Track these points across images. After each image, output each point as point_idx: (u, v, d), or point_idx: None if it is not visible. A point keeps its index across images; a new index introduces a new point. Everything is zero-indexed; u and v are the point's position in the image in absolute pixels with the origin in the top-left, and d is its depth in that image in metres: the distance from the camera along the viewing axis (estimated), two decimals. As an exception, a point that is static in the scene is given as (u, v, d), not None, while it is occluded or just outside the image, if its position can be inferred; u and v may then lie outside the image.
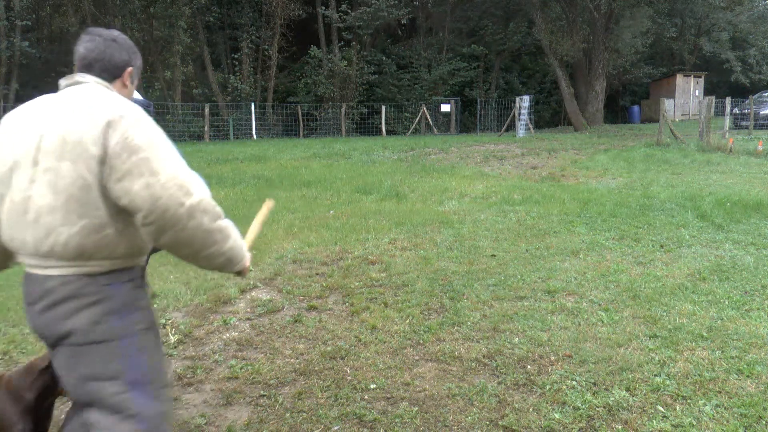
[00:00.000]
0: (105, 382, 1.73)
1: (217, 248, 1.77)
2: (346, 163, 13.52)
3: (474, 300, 4.39)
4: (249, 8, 25.14)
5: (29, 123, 1.79)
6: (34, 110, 1.82)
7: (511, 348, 3.55)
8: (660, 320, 3.90)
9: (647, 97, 30.97)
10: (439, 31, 28.84)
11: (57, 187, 1.68)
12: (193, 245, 1.72)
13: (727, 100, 16.80)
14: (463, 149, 16.01)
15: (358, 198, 8.91)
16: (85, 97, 1.78)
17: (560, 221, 6.98)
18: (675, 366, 3.26)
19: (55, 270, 1.74)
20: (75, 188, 1.67)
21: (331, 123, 24.66)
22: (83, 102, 1.76)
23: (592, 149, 15.37)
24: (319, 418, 2.84)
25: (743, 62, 31.41)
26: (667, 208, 7.50)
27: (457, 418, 2.82)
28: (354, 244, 6.08)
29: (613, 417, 2.79)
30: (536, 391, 3.05)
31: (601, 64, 23.44)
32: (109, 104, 1.73)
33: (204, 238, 1.72)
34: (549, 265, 5.22)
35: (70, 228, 1.68)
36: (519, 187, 9.65)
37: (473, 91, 28.20)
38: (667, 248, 5.73)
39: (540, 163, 13.06)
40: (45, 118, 1.77)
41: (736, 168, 11.55)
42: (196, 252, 1.75)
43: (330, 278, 5.01)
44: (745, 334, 3.65)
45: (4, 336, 3.85)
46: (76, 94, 1.81)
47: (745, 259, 5.27)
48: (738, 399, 2.90)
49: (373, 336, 3.78)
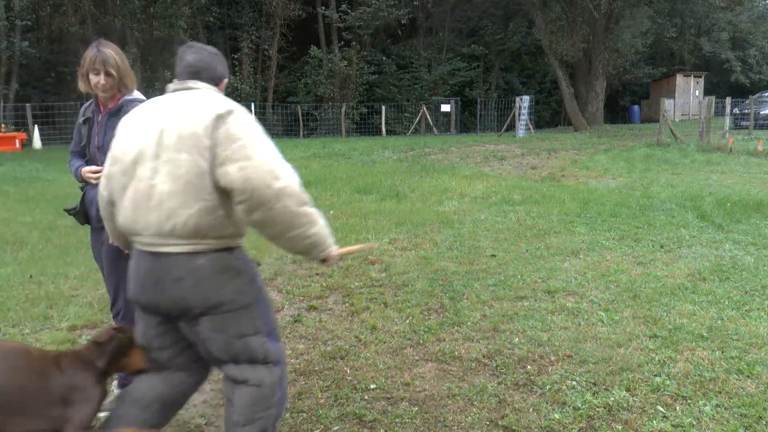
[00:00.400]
0: (252, 337, 2.14)
1: (302, 231, 2.04)
2: (346, 163, 13.51)
3: (474, 300, 4.38)
4: (249, 8, 25.14)
5: (150, 122, 2.10)
6: (153, 111, 2.14)
7: (511, 348, 3.55)
8: (660, 320, 3.90)
9: (647, 97, 30.96)
10: (439, 31, 28.84)
11: (176, 175, 1.99)
12: (280, 225, 1.99)
13: (727, 100, 16.79)
14: (463, 149, 16.01)
15: (358, 198, 8.91)
16: (200, 97, 2.11)
17: (560, 221, 6.98)
18: (675, 366, 3.26)
19: (174, 248, 2.03)
20: (191, 175, 1.98)
21: (331, 123, 24.66)
22: (198, 101, 2.09)
23: (592, 149, 15.37)
24: (319, 418, 2.84)
25: (743, 62, 31.40)
26: (667, 208, 7.50)
27: (457, 418, 2.82)
28: (354, 244, 6.07)
29: (613, 417, 2.79)
30: (536, 391, 3.05)
31: (601, 64, 23.43)
32: (220, 102, 2.07)
33: (290, 220, 2.00)
34: (549, 265, 5.22)
35: (188, 210, 1.98)
36: (519, 187, 9.65)
37: (473, 91, 28.20)
38: (668, 248, 5.73)
39: (540, 163, 13.06)
40: (164, 117, 2.08)
41: (736, 168, 11.55)
42: (283, 232, 2.02)
43: (330, 278, 5.01)
44: (745, 334, 3.64)
45: (4, 336, 3.85)
46: (192, 96, 2.13)
47: (745, 259, 5.27)
48: (738, 399, 2.90)
49: (373, 336, 3.78)
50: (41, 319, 4.12)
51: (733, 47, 31.66)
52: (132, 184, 2.07)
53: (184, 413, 2.90)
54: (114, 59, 2.78)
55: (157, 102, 2.18)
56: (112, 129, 2.82)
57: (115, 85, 2.82)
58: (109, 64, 2.76)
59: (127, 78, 2.84)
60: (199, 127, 1.99)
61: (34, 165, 13.44)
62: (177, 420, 2.84)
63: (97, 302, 4.41)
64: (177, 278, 2.04)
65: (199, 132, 1.99)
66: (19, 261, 5.64)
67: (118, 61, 2.80)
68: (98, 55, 2.76)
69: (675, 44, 30.88)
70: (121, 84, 2.83)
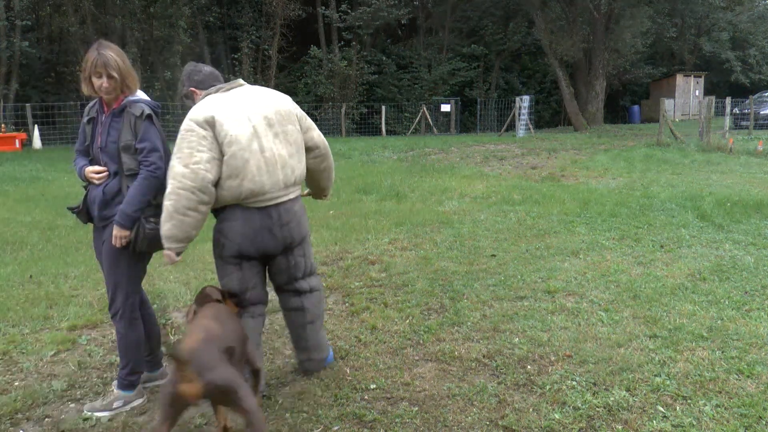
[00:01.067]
0: (310, 257, 3.20)
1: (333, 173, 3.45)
2: (346, 163, 13.51)
3: (474, 300, 4.38)
4: (249, 8, 25.13)
5: (247, 109, 2.86)
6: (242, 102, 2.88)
7: (511, 348, 3.55)
8: (660, 320, 3.90)
9: (647, 97, 30.96)
10: (439, 31, 28.84)
11: (290, 141, 2.96)
12: (330, 169, 3.36)
13: (727, 100, 16.79)
14: (463, 149, 16.01)
15: (358, 198, 8.91)
16: (264, 89, 3.06)
17: (560, 221, 6.98)
18: (675, 366, 3.26)
19: (293, 194, 3.00)
20: (298, 140, 3.02)
21: (331, 123, 24.65)
22: (269, 91, 3.05)
23: (592, 149, 15.37)
24: (319, 418, 2.84)
25: (743, 62, 31.40)
26: (668, 208, 7.50)
27: (457, 418, 2.82)
28: (354, 244, 6.08)
29: (613, 417, 2.79)
30: (536, 391, 3.05)
31: (601, 64, 23.43)
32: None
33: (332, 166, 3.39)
34: (549, 265, 5.22)
35: (301, 164, 3.04)
36: (519, 187, 9.65)
37: (473, 91, 28.20)
38: (668, 248, 5.73)
39: (540, 163, 13.06)
40: (258, 104, 2.91)
41: (736, 168, 11.55)
42: (330, 172, 3.38)
43: (330, 278, 5.01)
44: (745, 334, 3.64)
45: (4, 336, 3.85)
46: (258, 89, 3.04)
47: (745, 259, 5.27)
48: (738, 399, 2.90)
49: (373, 336, 3.78)
50: (41, 319, 4.12)
51: (733, 47, 31.66)
52: (254, 156, 2.79)
53: (184, 413, 2.90)
54: (115, 61, 2.78)
55: (237, 96, 2.90)
56: (115, 129, 2.82)
57: (118, 87, 2.82)
58: (111, 66, 2.76)
59: (129, 79, 2.84)
60: (290, 107, 3.03)
61: (34, 165, 13.44)
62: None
63: (97, 302, 4.41)
64: (287, 222, 2.93)
65: (291, 110, 3.02)
66: (19, 261, 5.64)
67: (120, 63, 2.79)
68: (99, 57, 2.76)
69: (675, 44, 30.88)
70: (123, 85, 2.83)
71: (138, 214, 2.79)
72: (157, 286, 4.74)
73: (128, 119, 2.81)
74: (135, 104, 2.83)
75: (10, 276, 5.13)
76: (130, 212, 2.77)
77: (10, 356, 3.58)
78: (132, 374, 2.98)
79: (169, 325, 4.03)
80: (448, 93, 26.75)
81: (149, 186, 2.79)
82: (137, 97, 2.89)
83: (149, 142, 2.80)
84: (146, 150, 2.79)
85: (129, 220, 2.78)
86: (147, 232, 2.81)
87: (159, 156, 2.81)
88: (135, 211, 2.78)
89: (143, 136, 2.80)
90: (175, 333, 3.88)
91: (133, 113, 2.81)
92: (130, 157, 2.81)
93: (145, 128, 2.81)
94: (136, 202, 2.78)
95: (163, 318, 4.16)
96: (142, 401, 3.00)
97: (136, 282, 2.99)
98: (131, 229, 2.80)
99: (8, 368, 3.42)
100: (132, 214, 2.78)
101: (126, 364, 2.96)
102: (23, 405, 2.99)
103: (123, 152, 2.81)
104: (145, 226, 2.81)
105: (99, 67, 2.76)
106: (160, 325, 3.48)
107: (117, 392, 2.97)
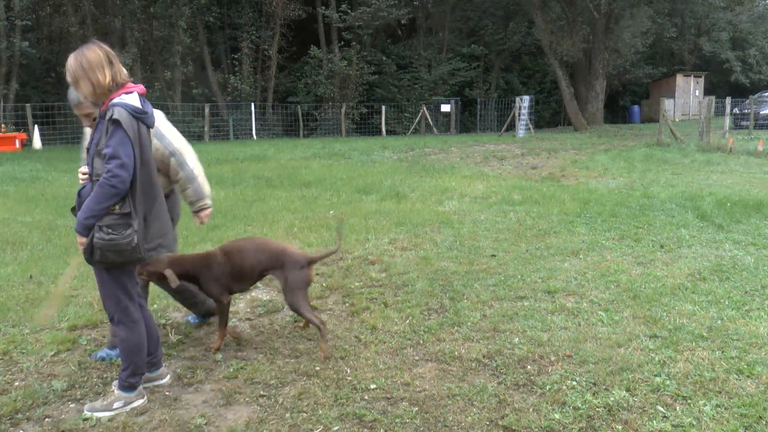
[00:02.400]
0: None
1: None
2: (346, 163, 13.51)
3: (474, 300, 4.38)
4: (249, 8, 25.13)
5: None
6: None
7: (511, 348, 3.55)
8: (660, 320, 3.90)
9: (647, 97, 30.96)
10: (439, 31, 28.84)
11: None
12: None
13: (727, 100, 16.79)
14: (463, 149, 16.01)
15: (358, 198, 8.91)
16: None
17: (560, 221, 6.98)
18: (675, 366, 3.26)
19: None
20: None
21: (331, 123, 24.66)
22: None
23: (592, 149, 15.37)
24: (319, 418, 2.84)
25: (743, 62, 31.38)
26: (667, 208, 7.50)
27: (457, 418, 2.82)
28: (354, 244, 6.08)
29: (613, 417, 2.79)
30: (536, 391, 3.05)
31: (601, 64, 23.43)
32: None
33: None
34: (549, 265, 5.22)
35: None
36: (519, 187, 9.65)
37: (473, 91, 28.20)
38: (668, 248, 5.73)
39: (540, 163, 13.06)
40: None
41: (736, 168, 11.55)
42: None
43: (330, 278, 5.01)
44: (745, 334, 3.64)
45: (4, 336, 3.85)
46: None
47: (745, 259, 5.27)
48: (738, 399, 2.90)
49: (373, 336, 3.78)
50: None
51: (733, 47, 31.64)
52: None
53: (184, 413, 2.90)
54: (70, 67, 2.73)
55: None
56: (98, 132, 2.79)
57: (86, 93, 2.76)
58: (68, 72, 2.74)
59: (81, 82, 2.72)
60: None
61: (34, 165, 13.43)
62: (177, 420, 2.85)
63: (97, 302, 4.41)
64: None
65: None
66: (19, 261, 5.64)
67: (73, 67, 2.72)
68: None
69: (675, 44, 30.87)
70: (89, 89, 2.74)
71: (90, 222, 2.69)
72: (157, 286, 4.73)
73: (106, 123, 2.72)
74: (113, 107, 2.72)
75: (10, 276, 5.13)
76: (82, 219, 2.70)
77: (11, 356, 3.57)
78: (133, 376, 2.97)
79: (169, 326, 4.02)
80: (448, 93, 26.76)
81: (104, 194, 2.66)
82: (121, 100, 2.75)
83: (111, 148, 2.67)
84: (107, 156, 2.68)
85: (82, 227, 2.70)
86: (95, 242, 2.70)
87: (118, 164, 2.66)
88: (87, 218, 2.69)
89: (107, 141, 2.69)
90: (174, 333, 3.88)
91: (108, 117, 2.71)
92: (101, 162, 2.73)
93: (111, 133, 2.69)
94: (88, 209, 2.68)
95: (163, 318, 4.16)
96: (142, 402, 3.00)
97: (123, 288, 2.91)
98: (86, 236, 2.72)
99: (8, 368, 3.42)
100: (84, 222, 2.69)
101: (127, 366, 2.96)
102: (23, 405, 2.99)
103: (96, 156, 2.75)
104: (95, 235, 2.70)
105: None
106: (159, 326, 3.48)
107: (117, 393, 2.96)
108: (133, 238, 2.74)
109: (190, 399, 3.06)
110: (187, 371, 3.34)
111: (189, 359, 3.52)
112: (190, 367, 3.40)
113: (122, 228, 2.71)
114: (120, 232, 2.70)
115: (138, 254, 2.80)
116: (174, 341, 3.76)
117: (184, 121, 22.19)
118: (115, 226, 2.70)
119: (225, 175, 11.29)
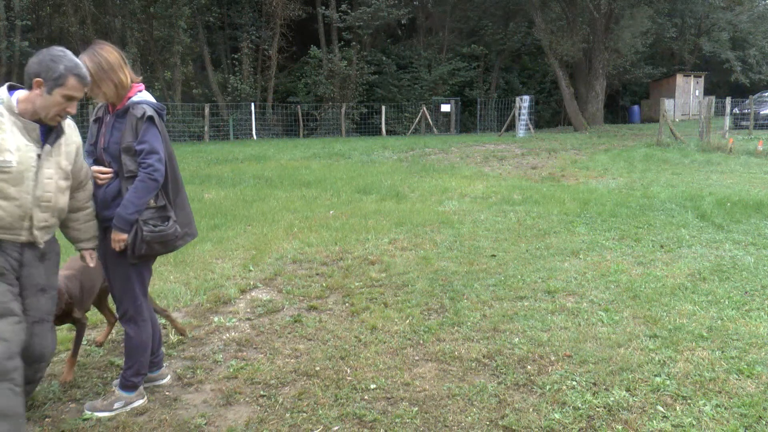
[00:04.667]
0: None
1: None
2: (346, 163, 13.51)
3: (474, 300, 4.39)
4: (249, 8, 25.12)
5: None
6: None
7: (511, 348, 3.55)
8: (660, 320, 3.90)
9: (647, 97, 30.95)
10: (439, 31, 28.82)
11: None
12: None
13: (727, 100, 16.79)
14: (463, 149, 16.01)
15: (358, 198, 8.91)
16: None
17: (560, 221, 6.98)
18: (675, 366, 3.26)
19: None
20: None
21: (331, 123, 24.65)
22: None
23: (592, 149, 15.37)
24: (319, 418, 2.84)
25: (743, 62, 31.36)
26: (667, 208, 7.50)
27: (457, 418, 2.82)
28: (354, 244, 6.08)
29: (613, 417, 2.79)
30: (536, 391, 3.05)
31: (601, 64, 23.42)
32: None
33: None
34: (549, 265, 5.22)
35: None
36: (519, 187, 9.65)
37: (473, 91, 28.19)
38: (667, 248, 5.73)
39: (540, 163, 13.06)
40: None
41: (736, 168, 11.55)
42: None
43: (330, 278, 5.01)
44: (745, 334, 3.65)
45: (4, 336, 3.85)
46: None
47: (745, 259, 5.27)
48: (738, 399, 2.90)
49: (373, 336, 3.78)
50: (41, 319, 4.11)
51: (733, 47, 31.62)
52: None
53: (184, 413, 2.90)
54: (88, 69, 2.70)
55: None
56: (118, 130, 2.81)
57: (101, 93, 2.77)
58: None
59: (103, 83, 2.76)
60: None
61: (34, 165, 13.42)
62: (177, 420, 2.85)
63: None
64: None
65: None
66: (19, 261, 5.63)
67: (93, 69, 2.72)
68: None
69: (675, 44, 30.86)
70: (107, 89, 2.77)
71: (134, 217, 2.76)
72: (157, 286, 4.74)
73: (130, 121, 2.78)
74: (138, 105, 2.80)
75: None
76: (126, 215, 2.74)
77: (10, 356, 3.57)
78: (136, 375, 2.97)
79: (170, 326, 4.02)
80: (448, 93, 26.75)
81: (146, 188, 2.75)
82: (141, 98, 2.85)
83: (148, 144, 2.76)
84: (144, 152, 2.75)
85: (125, 224, 2.75)
86: (144, 236, 2.77)
87: (158, 158, 2.76)
88: (131, 213, 2.75)
89: (142, 138, 2.76)
90: (174, 333, 3.88)
91: (135, 114, 2.78)
92: (131, 159, 2.78)
93: (145, 129, 2.77)
94: (132, 205, 2.74)
95: (163, 318, 4.16)
96: (142, 402, 3.00)
97: (142, 284, 2.96)
98: (128, 233, 2.77)
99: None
100: (128, 217, 2.75)
101: (131, 366, 2.95)
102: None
103: (124, 154, 2.78)
104: (143, 229, 2.77)
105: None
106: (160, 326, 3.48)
107: (118, 393, 2.96)
108: (176, 228, 2.88)
109: (190, 399, 3.06)
110: (187, 371, 3.34)
111: (189, 359, 3.52)
112: (190, 367, 3.40)
113: (164, 220, 2.83)
114: (165, 224, 2.82)
115: (179, 243, 2.95)
116: (174, 341, 3.77)
117: (184, 121, 22.19)
118: (156, 219, 2.82)
119: (225, 175, 11.29)
